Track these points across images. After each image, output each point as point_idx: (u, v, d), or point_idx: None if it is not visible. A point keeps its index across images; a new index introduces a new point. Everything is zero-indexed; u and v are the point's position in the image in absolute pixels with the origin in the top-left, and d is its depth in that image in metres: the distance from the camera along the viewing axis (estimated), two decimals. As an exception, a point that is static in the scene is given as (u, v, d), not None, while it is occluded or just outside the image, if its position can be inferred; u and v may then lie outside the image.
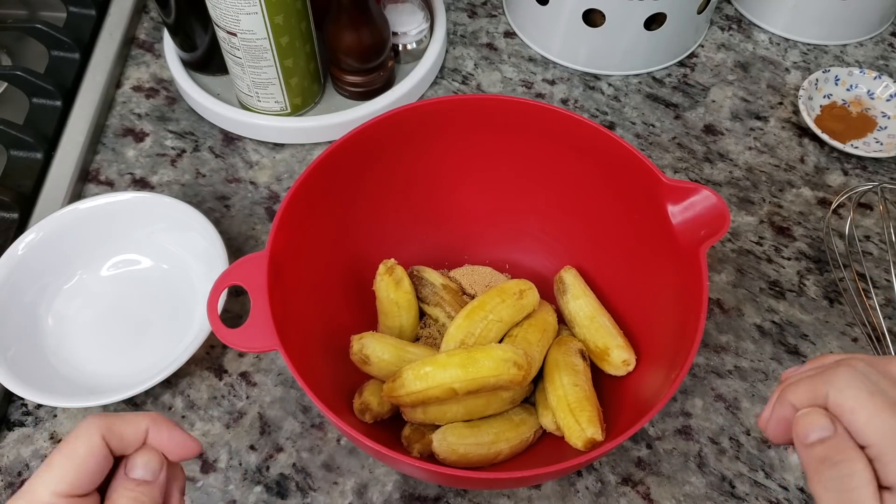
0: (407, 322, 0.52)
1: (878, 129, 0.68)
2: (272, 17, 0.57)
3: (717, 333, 0.57)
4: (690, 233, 0.44)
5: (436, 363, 0.43)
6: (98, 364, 0.54)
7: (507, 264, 0.57)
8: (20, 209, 0.60)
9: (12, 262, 0.54)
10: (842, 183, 0.65)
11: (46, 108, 0.67)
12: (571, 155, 0.51)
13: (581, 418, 0.44)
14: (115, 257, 0.58)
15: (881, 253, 0.61)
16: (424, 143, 0.52)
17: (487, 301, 0.48)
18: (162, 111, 0.70)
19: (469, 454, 0.44)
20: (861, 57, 0.74)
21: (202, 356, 0.56)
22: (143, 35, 0.76)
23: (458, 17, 0.77)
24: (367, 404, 0.47)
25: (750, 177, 0.65)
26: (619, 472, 0.51)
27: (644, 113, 0.70)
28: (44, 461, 0.30)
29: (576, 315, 0.51)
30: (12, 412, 0.53)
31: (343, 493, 0.50)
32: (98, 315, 0.57)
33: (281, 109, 0.65)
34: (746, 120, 0.69)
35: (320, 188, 0.48)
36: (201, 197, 0.64)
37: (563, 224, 0.55)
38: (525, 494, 0.50)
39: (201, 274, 0.57)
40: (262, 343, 0.40)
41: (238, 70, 0.62)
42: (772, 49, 0.75)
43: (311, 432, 0.53)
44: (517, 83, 0.72)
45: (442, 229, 0.57)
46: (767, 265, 0.60)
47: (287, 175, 0.65)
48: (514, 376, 0.42)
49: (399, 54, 0.70)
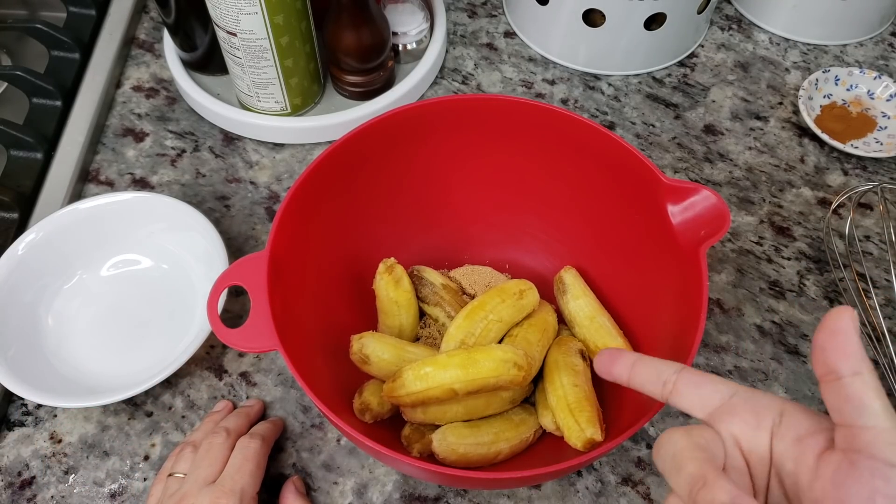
0: (407, 321, 0.52)
1: (878, 129, 0.68)
2: (272, 17, 0.57)
3: (717, 333, 0.57)
4: (690, 233, 0.44)
5: (436, 363, 0.43)
6: (98, 364, 0.54)
7: (507, 264, 0.57)
8: (20, 209, 0.60)
9: (12, 262, 0.54)
10: (842, 183, 0.65)
11: (46, 108, 0.67)
12: (571, 155, 0.51)
13: (581, 418, 0.44)
14: (115, 257, 0.58)
15: (881, 253, 0.61)
16: (424, 144, 0.52)
17: (487, 301, 0.48)
18: (162, 111, 0.70)
19: (469, 454, 0.44)
20: (861, 57, 0.74)
21: (202, 356, 0.56)
22: (143, 35, 0.76)
23: (458, 17, 0.77)
24: (367, 404, 0.47)
25: (750, 177, 0.65)
26: (619, 472, 0.51)
27: (644, 113, 0.70)
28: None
29: (576, 315, 0.51)
30: (12, 412, 0.54)
31: (343, 493, 0.50)
32: (98, 315, 0.57)
33: (281, 109, 0.65)
34: (746, 120, 0.69)
35: (320, 188, 0.48)
36: (201, 197, 0.64)
37: (563, 224, 0.55)
38: (525, 494, 0.50)
39: (201, 274, 0.57)
40: (262, 343, 0.40)
41: (238, 70, 0.62)
42: (772, 49, 0.75)
43: (311, 432, 0.53)
44: (517, 83, 0.72)
45: (442, 229, 0.57)
46: (767, 265, 0.60)
47: (287, 175, 0.65)
48: (514, 377, 0.42)
49: (399, 54, 0.70)
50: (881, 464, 0.25)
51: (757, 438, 0.29)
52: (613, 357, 0.35)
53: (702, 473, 0.27)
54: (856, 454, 0.26)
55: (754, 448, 0.29)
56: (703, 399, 0.31)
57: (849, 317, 0.27)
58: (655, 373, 0.33)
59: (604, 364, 0.35)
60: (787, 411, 0.29)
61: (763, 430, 0.29)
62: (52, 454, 0.52)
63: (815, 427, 0.28)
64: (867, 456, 0.26)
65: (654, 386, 0.32)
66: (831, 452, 0.27)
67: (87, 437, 0.52)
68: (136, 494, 0.50)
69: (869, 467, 0.25)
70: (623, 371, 0.34)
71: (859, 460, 0.26)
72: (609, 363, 0.35)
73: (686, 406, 0.31)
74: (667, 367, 0.32)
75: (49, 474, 0.51)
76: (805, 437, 0.28)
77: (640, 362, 0.34)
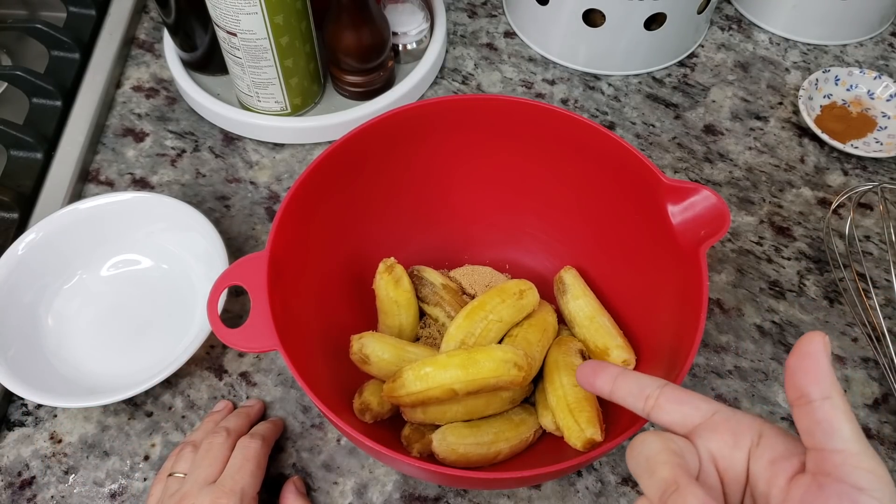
0: (406, 321, 0.52)
1: (878, 129, 0.68)
2: (272, 17, 0.57)
3: (717, 333, 0.57)
4: (690, 233, 0.44)
5: (436, 364, 0.43)
6: (98, 364, 0.54)
7: (507, 264, 0.57)
8: (20, 209, 0.60)
9: (12, 262, 0.54)
10: (842, 183, 0.65)
11: (46, 108, 0.67)
12: (571, 155, 0.51)
13: (580, 419, 0.44)
14: (115, 257, 0.58)
15: (881, 253, 0.61)
16: (424, 144, 0.52)
17: (487, 301, 0.48)
18: (162, 111, 0.70)
19: (469, 454, 0.44)
20: (861, 57, 0.74)
21: (202, 356, 0.56)
22: (143, 35, 0.76)
23: (458, 17, 0.77)
24: (367, 404, 0.47)
25: (750, 177, 0.65)
26: (619, 472, 0.51)
27: (644, 113, 0.70)
28: None
29: (576, 315, 0.51)
30: (12, 412, 0.54)
31: (343, 493, 0.50)
32: (98, 315, 0.57)
33: (281, 109, 0.65)
34: (746, 120, 0.69)
35: (320, 188, 0.48)
36: (201, 197, 0.64)
37: (563, 224, 0.55)
38: (525, 494, 0.50)
39: (201, 274, 0.57)
40: (262, 343, 0.40)
41: (238, 70, 0.62)
42: (772, 49, 0.75)
43: (311, 432, 0.53)
44: (517, 83, 0.72)
45: (442, 229, 0.57)
46: (767, 265, 0.60)
47: (287, 175, 0.65)
48: (514, 377, 0.42)
49: (399, 54, 0.70)
50: (848, 487, 0.25)
51: (734, 458, 0.29)
52: (596, 370, 0.34)
53: (674, 478, 0.27)
54: (825, 477, 0.26)
55: (730, 467, 0.29)
56: (685, 416, 0.31)
57: (820, 341, 0.27)
58: (638, 387, 0.32)
59: (586, 376, 0.35)
60: (765, 433, 0.29)
61: (741, 450, 0.29)
62: (52, 454, 0.52)
63: (791, 450, 0.28)
64: (835, 479, 0.26)
65: (636, 400, 0.32)
66: (802, 475, 0.27)
67: (87, 437, 0.52)
68: (136, 494, 0.50)
69: (836, 491, 0.26)
70: (605, 384, 0.34)
71: (827, 483, 0.26)
72: (592, 375, 0.35)
73: (667, 422, 0.31)
74: (650, 383, 0.32)
75: (49, 474, 0.51)
76: (779, 460, 0.28)
77: (622, 376, 0.33)
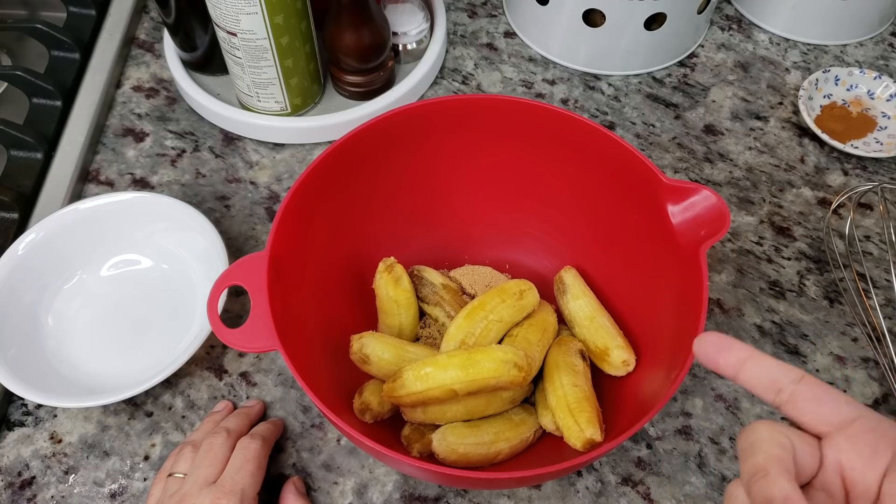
0: (406, 321, 0.52)
1: (878, 129, 0.68)
2: (272, 17, 0.57)
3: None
4: (690, 233, 0.44)
5: (436, 364, 0.43)
6: (98, 364, 0.54)
7: (507, 264, 0.57)
8: (20, 209, 0.60)
9: (12, 262, 0.54)
10: (842, 183, 0.65)
11: (46, 108, 0.67)
12: (571, 155, 0.51)
13: (580, 419, 0.44)
14: (115, 257, 0.58)
15: (881, 253, 0.61)
16: (424, 144, 0.52)
17: (487, 301, 0.48)
18: (162, 111, 0.70)
19: (469, 454, 0.44)
20: (861, 57, 0.74)
21: (202, 356, 0.56)
22: (143, 35, 0.76)
23: (458, 17, 0.77)
24: (367, 404, 0.47)
25: (750, 177, 0.65)
26: (619, 472, 0.51)
27: (644, 113, 0.70)
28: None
29: (576, 315, 0.51)
30: (12, 412, 0.54)
31: (343, 493, 0.50)
32: (98, 315, 0.57)
33: (281, 109, 0.65)
34: (746, 120, 0.69)
35: (320, 188, 0.48)
36: (201, 197, 0.64)
37: (563, 224, 0.55)
38: (525, 494, 0.50)
39: (201, 274, 0.57)
40: (262, 343, 0.40)
41: (238, 70, 0.62)
42: (772, 49, 0.75)
43: (311, 432, 0.53)
44: (517, 83, 0.72)
45: (442, 229, 0.57)
46: (767, 265, 0.60)
47: (287, 175, 0.65)
48: (514, 377, 0.42)
49: (399, 54, 0.70)
50: None
51: (866, 474, 0.27)
52: (720, 346, 0.30)
53: (767, 466, 0.26)
54: None
55: (860, 481, 0.27)
56: (822, 417, 0.28)
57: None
58: (770, 377, 0.29)
59: (709, 352, 0.31)
60: None
61: (875, 469, 0.27)
62: (52, 454, 0.52)
63: None
64: None
65: (765, 391, 0.29)
66: None
67: (87, 437, 0.52)
68: (136, 494, 0.50)
69: None
70: (730, 366, 0.30)
71: None
72: (715, 352, 0.30)
73: (801, 420, 0.29)
74: (785, 374, 0.29)
75: (49, 474, 0.51)
76: None
77: (753, 360, 0.30)
